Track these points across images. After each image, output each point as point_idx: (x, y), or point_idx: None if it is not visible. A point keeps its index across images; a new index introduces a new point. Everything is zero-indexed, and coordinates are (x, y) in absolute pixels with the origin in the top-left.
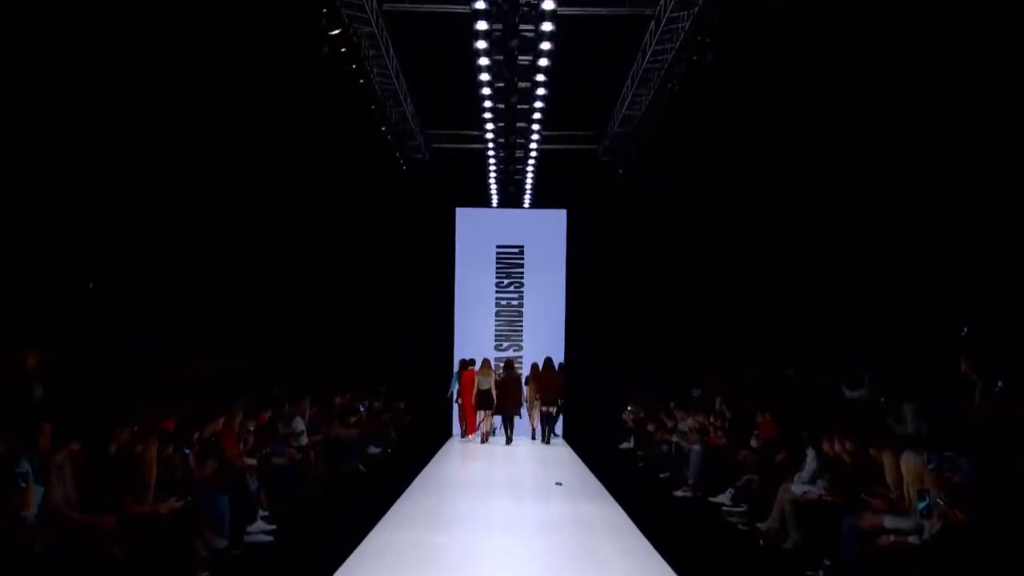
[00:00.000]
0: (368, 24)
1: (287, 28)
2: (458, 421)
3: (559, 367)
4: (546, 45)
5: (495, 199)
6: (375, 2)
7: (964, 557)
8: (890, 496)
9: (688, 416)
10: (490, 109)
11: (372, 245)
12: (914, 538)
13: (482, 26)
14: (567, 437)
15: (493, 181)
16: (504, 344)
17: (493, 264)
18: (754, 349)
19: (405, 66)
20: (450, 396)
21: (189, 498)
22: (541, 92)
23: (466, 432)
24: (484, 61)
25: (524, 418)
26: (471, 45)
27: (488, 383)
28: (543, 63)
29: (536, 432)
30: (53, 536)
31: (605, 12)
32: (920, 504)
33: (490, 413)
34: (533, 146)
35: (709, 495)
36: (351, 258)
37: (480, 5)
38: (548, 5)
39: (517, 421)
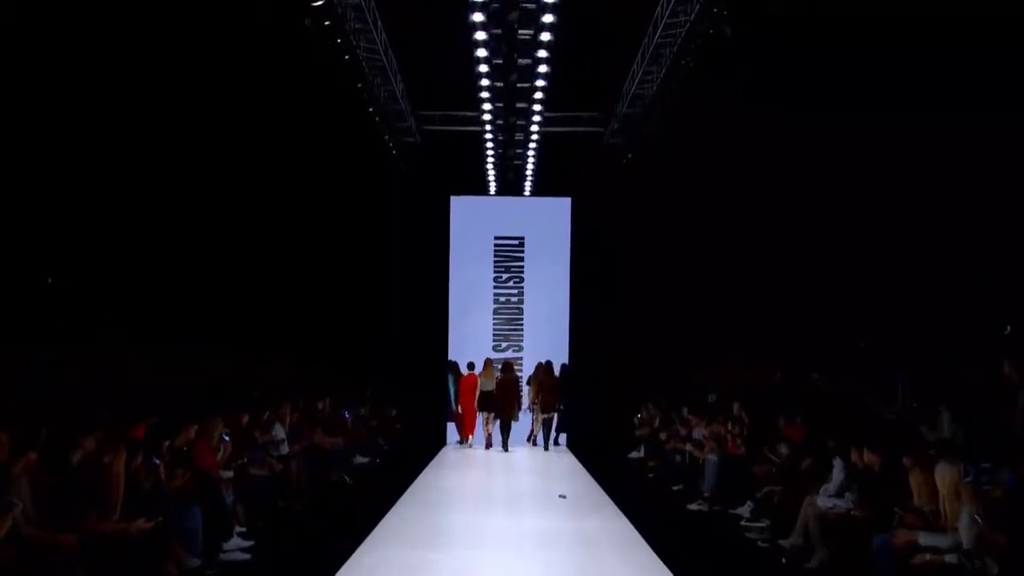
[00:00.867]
0: None
1: None
2: (455, 427)
3: (562, 368)
4: (548, 18)
5: (493, 186)
6: None
7: None
8: (926, 511)
9: (703, 423)
10: (488, 88)
11: (359, 238)
12: (952, 557)
13: None
14: (570, 445)
15: (491, 167)
16: (503, 344)
17: (491, 257)
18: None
19: (395, 41)
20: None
21: (161, 518)
22: (543, 70)
23: (464, 437)
24: (481, 36)
25: (521, 422)
26: (467, 18)
27: (491, 385)
28: (545, 38)
29: (537, 437)
30: (8, 555)
31: None
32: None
33: (492, 416)
34: (534, 129)
35: (726, 508)
36: (335, 251)
37: None
38: None
39: (515, 426)
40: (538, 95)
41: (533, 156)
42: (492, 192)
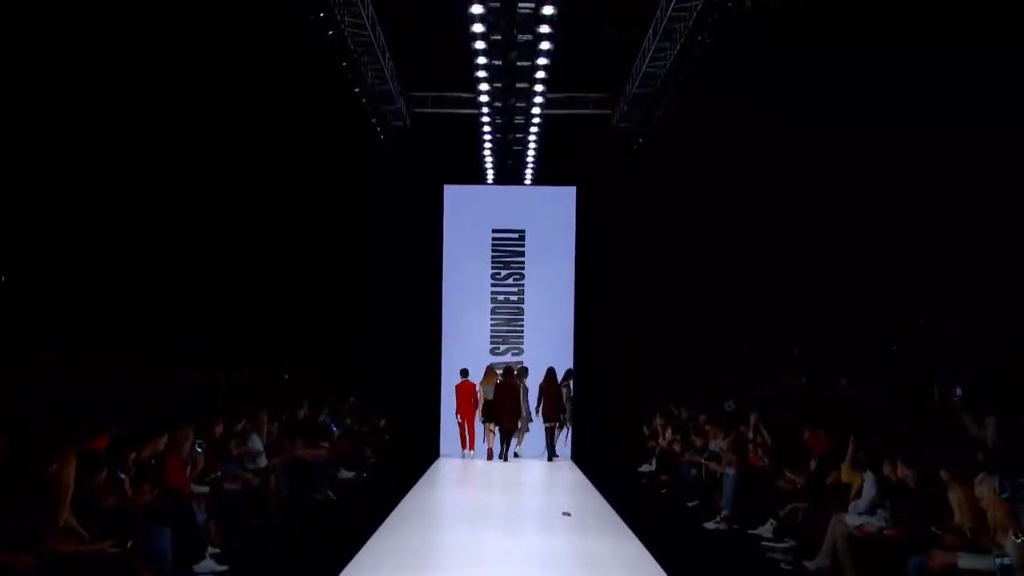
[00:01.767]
0: None
1: None
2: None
3: (567, 373)
4: None
5: (490, 175)
6: None
7: None
8: (965, 529)
9: (721, 433)
10: (485, 67)
11: (342, 231)
12: None
13: None
14: (575, 457)
15: (488, 153)
16: (501, 347)
17: (488, 252)
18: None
19: (383, 15)
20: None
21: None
22: (545, 47)
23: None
24: (477, 9)
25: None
26: None
27: (492, 393)
28: (547, 11)
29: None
30: None
31: None
32: (999, 561)
33: (492, 425)
34: (536, 111)
35: (747, 527)
36: (317, 246)
37: None
38: None
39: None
40: (540, 74)
41: (534, 141)
42: (490, 181)
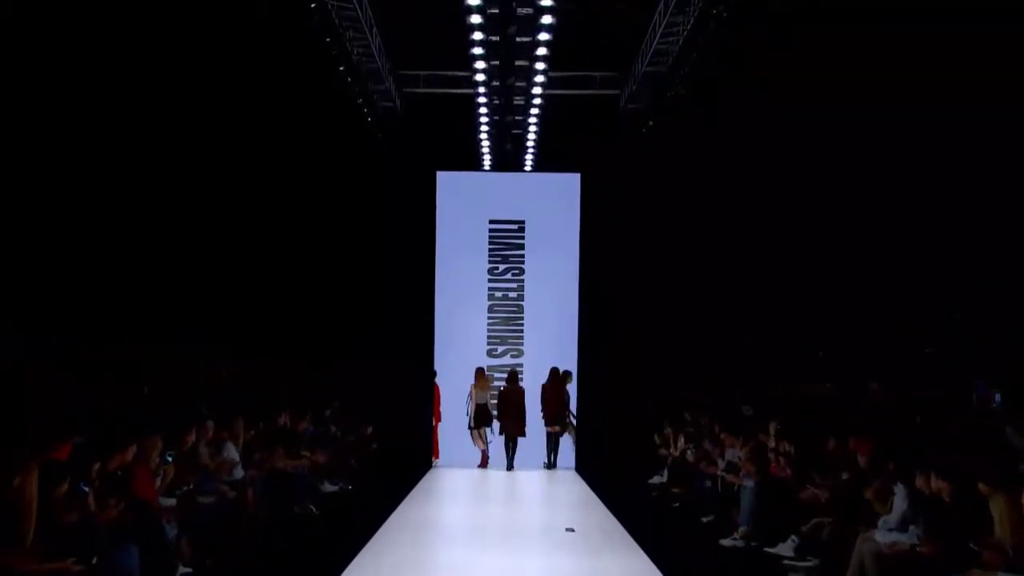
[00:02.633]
0: None
1: None
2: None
3: (564, 374)
4: None
5: (488, 161)
6: None
7: None
8: (1007, 546)
9: (739, 442)
10: (481, 43)
11: (326, 221)
12: None
13: None
14: (579, 468)
15: (485, 137)
16: (499, 348)
17: (485, 245)
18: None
19: None
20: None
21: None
22: (547, 20)
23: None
24: None
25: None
26: None
27: (485, 397)
28: None
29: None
30: None
31: None
32: None
33: (484, 431)
34: (537, 91)
35: (766, 545)
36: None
37: None
38: None
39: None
40: (541, 51)
41: (535, 124)
42: (487, 167)
